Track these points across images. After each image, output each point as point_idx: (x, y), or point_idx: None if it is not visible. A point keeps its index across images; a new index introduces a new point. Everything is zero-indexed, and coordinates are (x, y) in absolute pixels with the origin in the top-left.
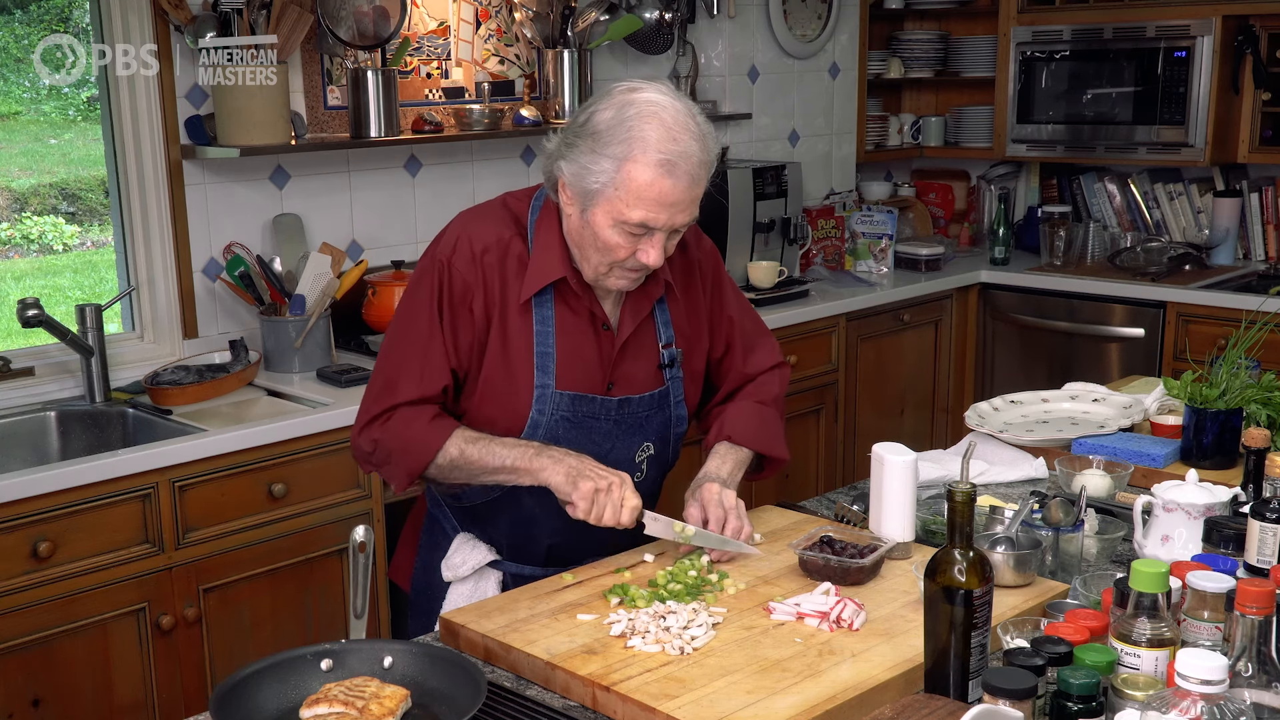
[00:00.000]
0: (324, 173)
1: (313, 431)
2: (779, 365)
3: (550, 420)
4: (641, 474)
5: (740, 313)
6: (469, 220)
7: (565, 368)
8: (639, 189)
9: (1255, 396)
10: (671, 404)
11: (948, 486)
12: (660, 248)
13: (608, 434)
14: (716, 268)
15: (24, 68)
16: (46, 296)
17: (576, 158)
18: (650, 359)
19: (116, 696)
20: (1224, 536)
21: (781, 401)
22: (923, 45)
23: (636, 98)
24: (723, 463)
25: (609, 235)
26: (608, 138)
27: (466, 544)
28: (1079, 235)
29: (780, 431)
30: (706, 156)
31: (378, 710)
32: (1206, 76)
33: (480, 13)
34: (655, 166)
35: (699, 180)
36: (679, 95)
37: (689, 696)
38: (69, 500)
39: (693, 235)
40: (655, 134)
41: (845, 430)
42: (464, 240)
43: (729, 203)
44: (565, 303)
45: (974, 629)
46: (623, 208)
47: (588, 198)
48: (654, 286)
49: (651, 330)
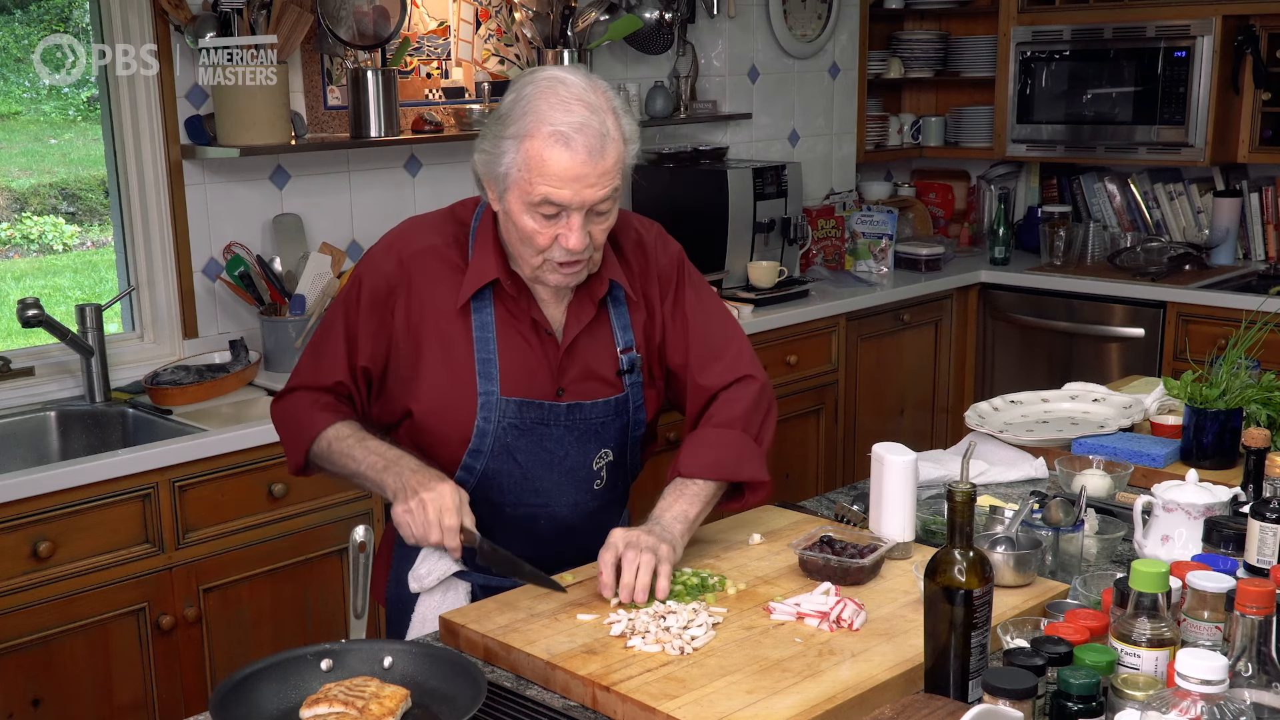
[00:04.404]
0: (324, 173)
1: None
2: (745, 379)
3: (498, 428)
4: (601, 480)
5: (703, 320)
6: (408, 226)
7: (509, 374)
8: (537, 164)
9: (1255, 396)
10: (631, 410)
11: (948, 486)
12: (579, 230)
13: (560, 440)
14: (680, 271)
15: (24, 68)
16: (46, 296)
17: (485, 146)
18: (606, 364)
19: (116, 696)
20: (1224, 536)
21: (754, 420)
22: (923, 45)
23: (537, 76)
24: (666, 501)
25: (525, 221)
26: (507, 119)
27: (432, 554)
28: (1079, 235)
29: (748, 453)
30: (610, 130)
31: (378, 710)
32: (1206, 76)
33: (480, 13)
34: (549, 138)
35: (601, 152)
36: (587, 74)
37: (689, 696)
38: (69, 500)
39: (657, 239)
40: (549, 107)
41: (845, 430)
42: (397, 244)
43: (729, 203)
44: (505, 307)
45: (974, 629)
46: (527, 187)
47: (500, 184)
48: (597, 286)
49: (606, 334)
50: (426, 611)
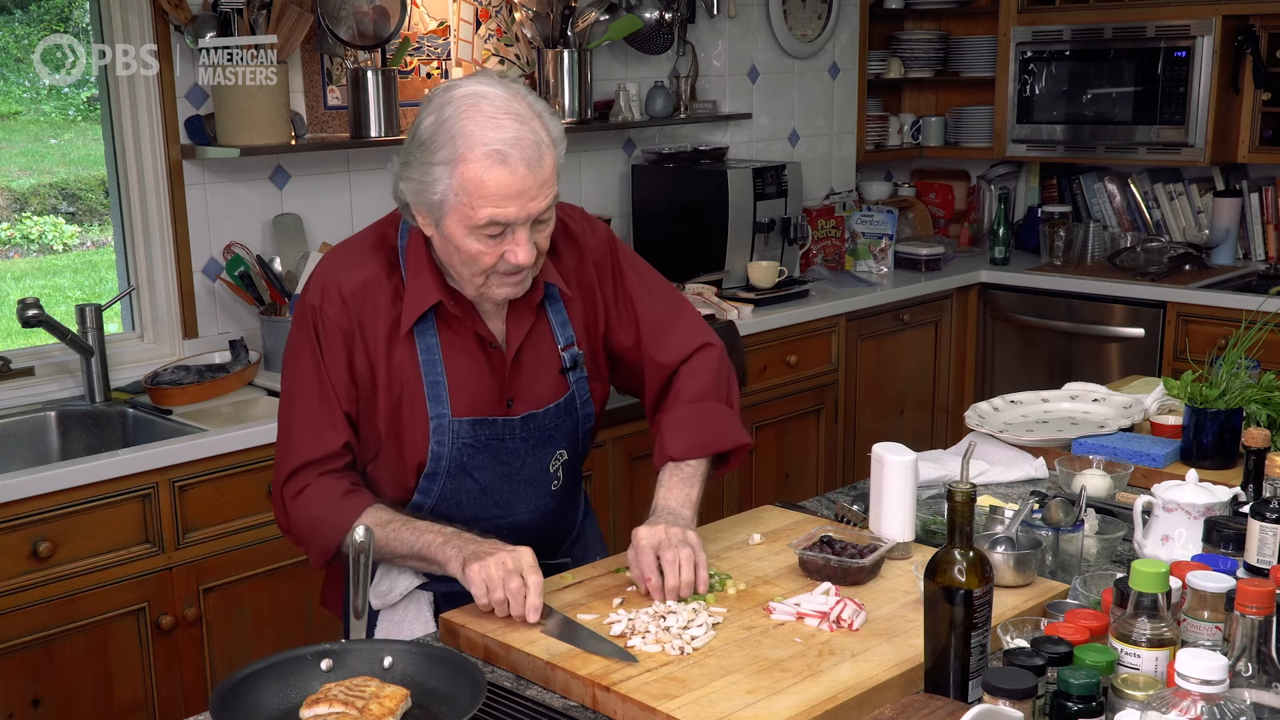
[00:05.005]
0: (324, 173)
1: None
2: (703, 348)
3: (453, 450)
4: (558, 481)
5: (647, 296)
6: (334, 262)
7: (459, 393)
8: (477, 188)
9: (1255, 396)
10: (579, 406)
11: (948, 486)
12: (527, 244)
13: (516, 452)
14: (613, 252)
15: (24, 68)
16: (46, 296)
17: (412, 175)
18: (550, 367)
19: (116, 696)
20: (1224, 536)
21: (722, 386)
22: (923, 45)
23: (454, 94)
24: (668, 491)
25: (469, 245)
26: (433, 145)
27: (393, 569)
28: (1079, 235)
29: (726, 421)
30: (542, 138)
31: (378, 710)
32: (1206, 76)
33: (480, 13)
34: (485, 160)
35: (539, 163)
36: (501, 81)
37: (689, 696)
38: (69, 500)
39: (583, 224)
40: (477, 127)
41: (845, 430)
42: (331, 285)
43: (729, 203)
44: (449, 327)
45: (974, 629)
46: (469, 212)
47: (435, 211)
48: (534, 293)
49: (546, 336)
50: (389, 627)
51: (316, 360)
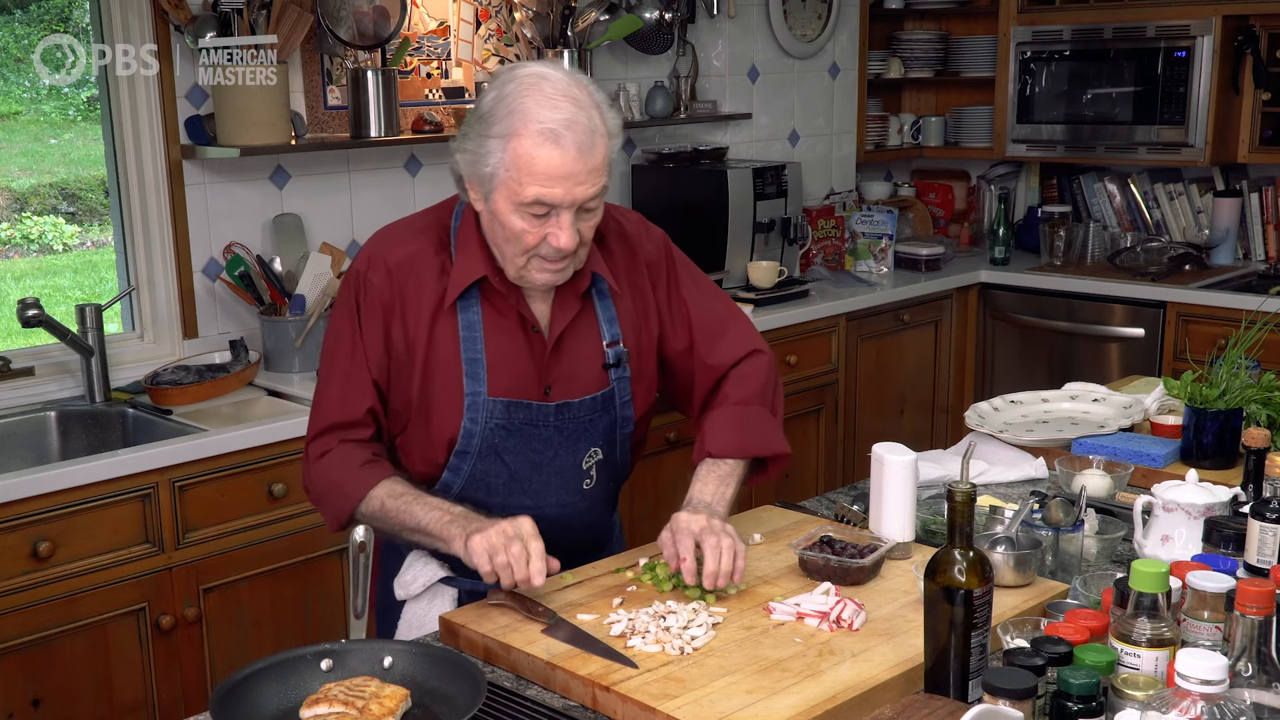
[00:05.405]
0: (324, 173)
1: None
2: (753, 354)
3: (485, 429)
4: (591, 480)
5: (701, 300)
6: (385, 235)
7: (496, 373)
8: (526, 163)
9: (1255, 396)
10: (617, 405)
11: (948, 486)
12: (569, 229)
13: (549, 440)
14: (668, 256)
15: (24, 68)
16: (46, 296)
17: (468, 146)
18: (592, 359)
19: (116, 696)
20: (1224, 536)
21: (769, 393)
22: (923, 45)
23: (518, 73)
24: (704, 485)
25: (513, 221)
26: (491, 118)
27: (418, 561)
28: (1079, 235)
29: (769, 427)
30: (598, 125)
31: (378, 710)
32: (1206, 76)
33: (480, 13)
34: (538, 137)
35: (591, 149)
36: (566, 68)
37: (689, 696)
38: (69, 500)
39: (639, 227)
40: (535, 105)
41: (845, 430)
42: (379, 254)
43: (729, 203)
44: (491, 305)
45: (974, 629)
46: (516, 187)
47: (485, 184)
48: (580, 280)
49: (593, 328)
50: (413, 619)
51: (354, 326)
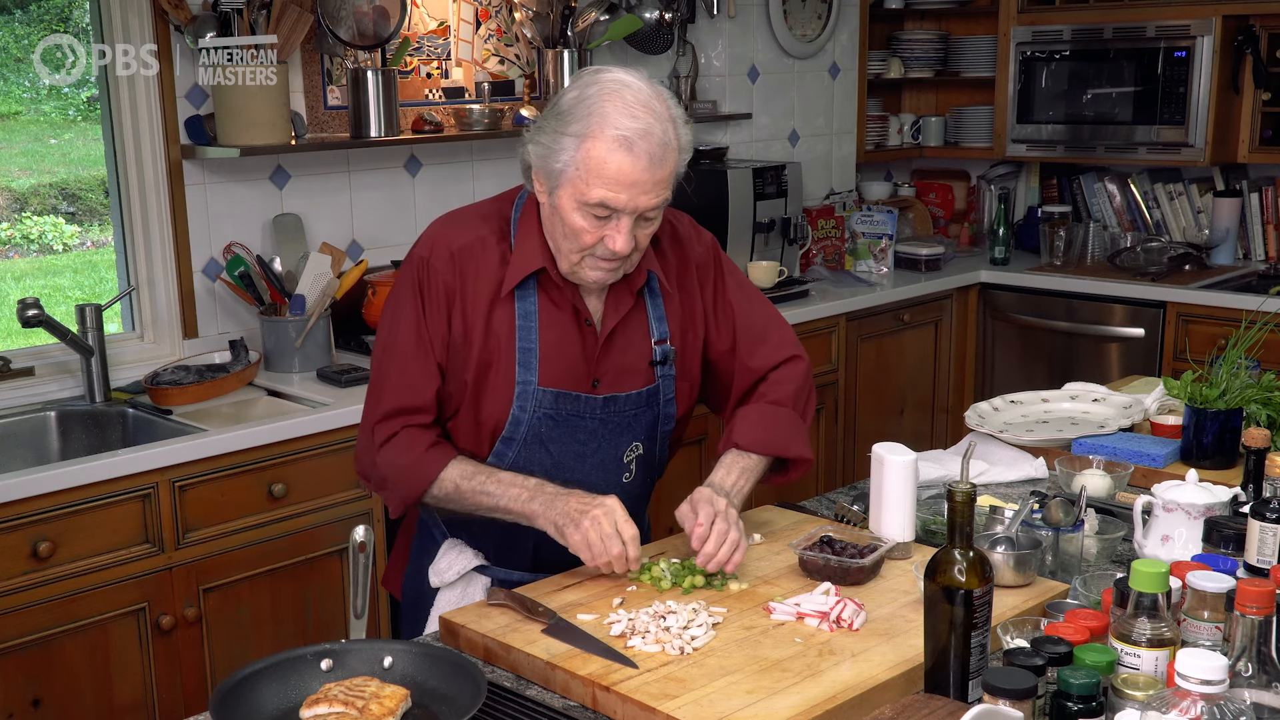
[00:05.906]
0: (324, 173)
1: (313, 431)
2: (792, 359)
3: (533, 417)
4: (630, 474)
5: (745, 304)
6: (447, 222)
7: (548, 364)
8: (597, 166)
9: (1255, 396)
10: (661, 402)
11: (948, 486)
12: (627, 233)
13: (594, 433)
14: (717, 260)
15: (24, 68)
16: (46, 296)
17: (542, 139)
18: (640, 355)
19: (116, 696)
20: (1224, 536)
21: (801, 399)
22: (923, 45)
23: (601, 77)
24: (727, 473)
25: (574, 219)
26: (569, 116)
27: (453, 549)
28: (1079, 235)
29: (797, 431)
30: (671, 139)
31: (378, 710)
32: (1206, 76)
33: (480, 13)
34: (612, 142)
35: (661, 161)
36: (648, 79)
37: (689, 696)
38: (69, 500)
39: (690, 230)
40: (615, 110)
41: (845, 430)
42: (441, 240)
43: (729, 203)
44: (548, 296)
45: (974, 629)
46: (583, 187)
47: (553, 179)
48: (636, 277)
49: (642, 325)
50: (446, 606)
51: (418, 311)
